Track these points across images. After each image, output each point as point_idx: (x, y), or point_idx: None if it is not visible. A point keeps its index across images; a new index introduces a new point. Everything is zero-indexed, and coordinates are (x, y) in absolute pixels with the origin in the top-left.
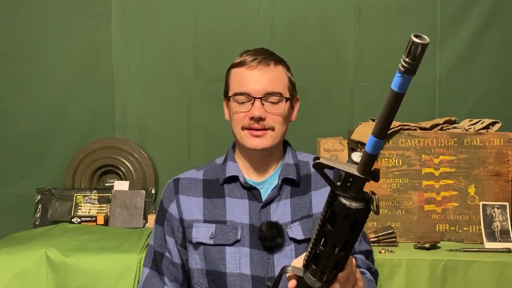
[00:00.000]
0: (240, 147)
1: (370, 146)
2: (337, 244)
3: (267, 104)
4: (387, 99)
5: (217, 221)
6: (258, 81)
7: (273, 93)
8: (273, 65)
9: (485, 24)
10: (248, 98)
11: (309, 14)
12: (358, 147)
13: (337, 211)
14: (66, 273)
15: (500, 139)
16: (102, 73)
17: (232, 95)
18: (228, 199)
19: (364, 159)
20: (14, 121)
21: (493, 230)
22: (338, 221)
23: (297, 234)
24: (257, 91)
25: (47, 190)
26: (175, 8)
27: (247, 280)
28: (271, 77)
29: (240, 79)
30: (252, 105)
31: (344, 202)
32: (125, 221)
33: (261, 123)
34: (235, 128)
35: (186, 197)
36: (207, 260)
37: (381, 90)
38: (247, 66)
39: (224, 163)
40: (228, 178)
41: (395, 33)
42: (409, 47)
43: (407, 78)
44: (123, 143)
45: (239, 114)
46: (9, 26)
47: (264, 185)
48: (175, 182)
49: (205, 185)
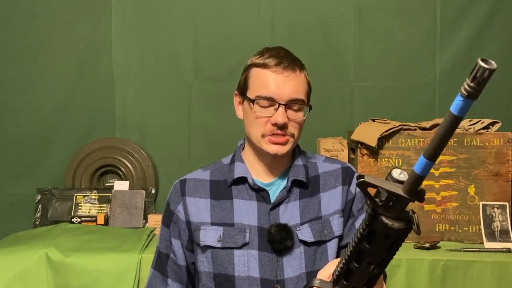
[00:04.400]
0: (253, 148)
1: (420, 167)
2: (373, 262)
3: (290, 111)
4: (445, 122)
5: (225, 224)
6: (283, 86)
7: (297, 100)
8: (298, 71)
9: (485, 24)
10: (271, 103)
11: (309, 14)
12: (358, 147)
13: (377, 230)
14: (66, 273)
15: (500, 139)
16: (102, 73)
17: (256, 97)
18: (236, 200)
19: (411, 180)
20: (14, 121)
21: (493, 230)
22: (378, 240)
23: (307, 237)
24: (282, 97)
25: (47, 190)
26: (175, 8)
27: (256, 283)
28: (296, 84)
29: (264, 82)
30: (276, 111)
31: (386, 222)
32: (125, 221)
33: (284, 130)
34: (253, 132)
35: (193, 199)
36: (215, 263)
37: (381, 90)
38: (273, 70)
39: (231, 164)
40: (236, 179)
41: (395, 33)
42: (475, 72)
43: (468, 102)
44: (123, 143)
45: (261, 119)
46: (9, 26)
47: (272, 187)
48: (181, 183)
49: (212, 186)
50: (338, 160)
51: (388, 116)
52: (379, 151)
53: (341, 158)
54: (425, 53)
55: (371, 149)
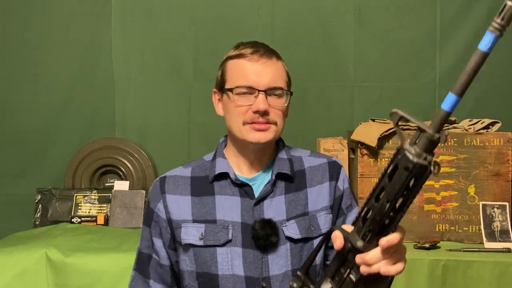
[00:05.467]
0: (235, 142)
1: (449, 103)
2: (390, 199)
3: (271, 98)
4: (473, 59)
5: (207, 221)
6: (261, 74)
7: (276, 87)
8: (275, 59)
9: (485, 24)
10: (251, 91)
11: (309, 14)
12: (358, 147)
13: (399, 164)
14: (66, 273)
15: (500, 139)
16: (102, 73)
17: (234, 88)
18: (218, 197)
19: (440, 116)
20: (14, 121)
21: (493, 230)
22: (398, 173)
23: (293, 233)
24: (261, 84)
25: (47, 190)
26: (175, 8)
27: (241, 282)
28: (274, 71)
29: (241, 71)
30: (256, 98)
31: (408, 154)
32: (125, 221)
33: (265, 117)
34: (234, 122)
35: (173, 196)
36: (197, 262)
37: (381, 90)
38: (248, 58)
39: (213, 160)
40: (218, 175)
41: (395, 33)
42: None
43: (495, 38)
44: (123, 143)
45: (240, 108)
46: (9, 26)
47: (256, 181)
48: (161, 181)
49: (193, 182)
50: (323, 154)
51: (388, 116)
52: (379, 151)
53: (341, 158)
54: (425, 53)
55: (371, 149)
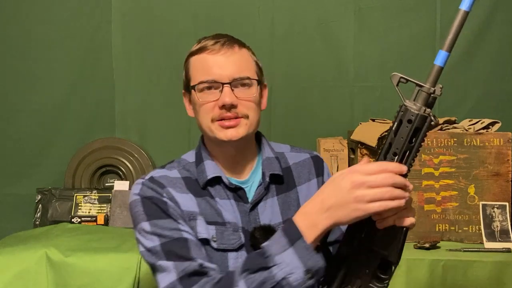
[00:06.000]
0: (211, 143)
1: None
2: (398, 152)
3: (237, 90)
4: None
5: (216, 223)
6: (224, 66)
7: (242, 77)
8: (237, 48)
9: (485, 24)
10: (215, 85)
11: (309, 14)
12: (358, 147)
13: (403, 118)
14: (66, 273)
15: (500, 139)
16: (102, 73)
17: (197, 84)
18: (218, 199)
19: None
20: (14, 121)
21: (493, 230)
22: (402, 127)
23: None
24: (224, 76)
25: (47, 190)
26: (175, 8)
27: None
28: (237, 61)
29: (203, 66)
30: (221, 92)
31: (409, 109)
32: (125, 221)
33: (233, 111)
34: (203, 122)
35: (174, 192)
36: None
37: (381, 90)
38: (209, 50)
39: (200, 163)
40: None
41: (395, 33)
42: None
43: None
44: (123, 143)
45: (207, 105)
46: (9, 26)
47: (247, 184)
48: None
49: (187, 183)
50: (302, 149)
51: (388, 116)
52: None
53: (341, 158)
54: (425, 53)
55: (371, 149)
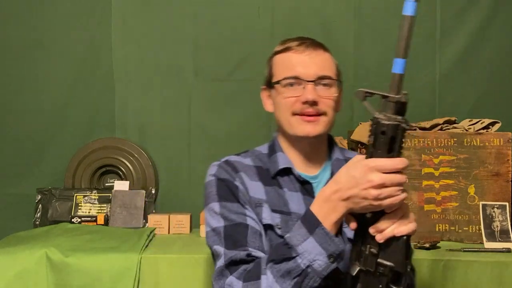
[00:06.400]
0: (287, 137)
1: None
2: None
3: (320, 87)
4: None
5: (282, 212)
6: (308, 65)
7: (325, 76)
8: (321, 50)
9: (485, 24)
10: (298, 82)
11: (309, 14)
12: (358, 147)
13: (376, 131)
14: (66, 273)
15: (500, 139)
16: (102, 73)
17: (281, 80)
18: (286, 190)
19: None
20: (14, 121)
21: (493, 230)
22: (378, 139)
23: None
24: (309, 74)
25: (47, 190)
26: (175, 8)
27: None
28: (320, 61)
29: (288, 64)
30: (304, 89)
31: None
32: (125, 221)
33: (315, 107)
34: (282, 115)
35: (246, 178)
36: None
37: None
38: (294, 50)
39: (272, 154)
40: (280, 170)
41: (395, 33)
42: None
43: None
44: (123, 143)
45: (288, 99)
46: (9, 27)
47: (315, 180)
48: (227, 162)
49: (259, 172)
50: None
51: None
52: None
53: None
54: (425, 53)
55: None
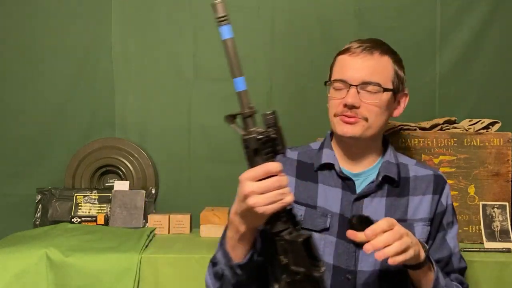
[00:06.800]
0: (334, 135)
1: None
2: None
3: (364, 92)
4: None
5: (308, 205)
6: (358, 69)
7: (371, 82)
8: (377, 54)
9: (485, 24)
10: (345, 85)
11: (309, 14)
12: None
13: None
14: (66, 273)
15: (500, 139)
16: (102, 73)
17: (332, 81)
18: (321, 185)
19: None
20: (14, 121)
21: (493, 230)
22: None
23: None
24: (355, 78)
25: (47, 190)
26: (175, 8)
27: (328, 269)
28: (372, 66)
29: (341, 66)
30: (348, 92)
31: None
32: (125, 221)
33: (354, 111)
34: (330, 114)
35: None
36: None
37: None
38: (351, 52)
39: (320, 150)
40: (323, 165)
41: (395, 33)
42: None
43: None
44: (123, 143)
45: (334, 101)
46: (8, 26)
47: (359, 178)
48: None
49: (299, 166)
50: (429, 166)
51: None
52: None
53: None
54: (425, 53)
55: None
